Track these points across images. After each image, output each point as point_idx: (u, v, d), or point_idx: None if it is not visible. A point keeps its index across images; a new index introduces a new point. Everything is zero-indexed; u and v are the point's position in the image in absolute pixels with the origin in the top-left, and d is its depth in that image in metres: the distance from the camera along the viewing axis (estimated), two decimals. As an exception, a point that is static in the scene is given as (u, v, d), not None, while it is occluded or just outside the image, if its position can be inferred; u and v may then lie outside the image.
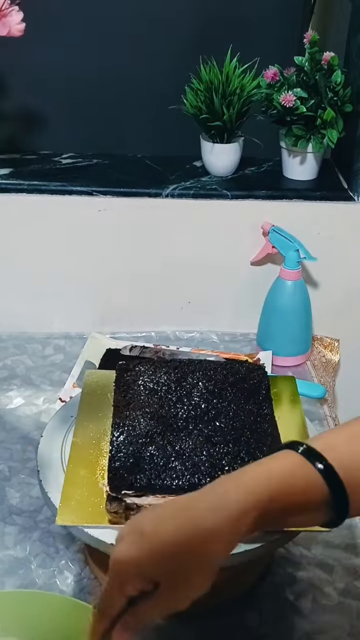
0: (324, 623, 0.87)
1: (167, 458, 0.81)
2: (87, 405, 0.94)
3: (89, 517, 0.79)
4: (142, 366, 0.95)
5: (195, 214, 1.35)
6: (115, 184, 1.35)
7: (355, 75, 1.31)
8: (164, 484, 0.79)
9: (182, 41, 1.39)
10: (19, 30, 1.14)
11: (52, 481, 0.86)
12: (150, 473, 0.80)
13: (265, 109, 1.32)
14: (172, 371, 0.94)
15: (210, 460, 0.81)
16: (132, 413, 0.87)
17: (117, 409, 0.88)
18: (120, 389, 0.92)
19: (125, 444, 0.82)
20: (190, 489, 0.77)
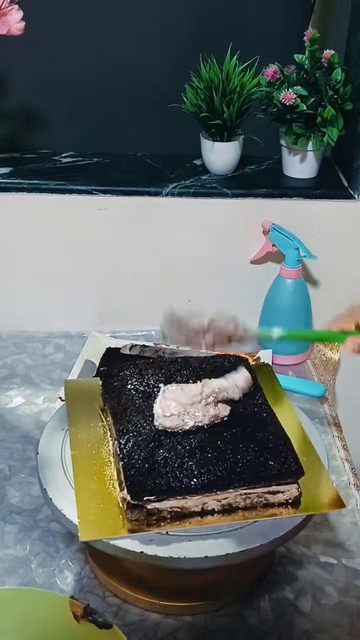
0: (324, 622, 0.88)
1: (180, 458, 0.81)
2: (76, 416, 0.93)
3: (111, 529, 0.78)
4: (127, 370, 0.94)
5: (196, 212, 1.35)
6: (116, 182, 1.35)
7: (356, 73, 1.31)
8: (184, 484, 0.79)
9: (182, 40, 1.38)
10: (19, 29, 1.14)
11: (52, 480, 0.86)
12: (168, 476, 0.79)
13: (265, 107, 1.32)
14: (158, 372, 0.94)
15: (222, 454, 0.81)
16: (132, 418, 0.86)
17: (116, 416, 0.87)
18: (111, 395, 0.91)
19: (135, 450, 0.81)
20: (210, 486, 0.79)
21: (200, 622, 0.87)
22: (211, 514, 0.80)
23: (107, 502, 0.81)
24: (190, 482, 0.79)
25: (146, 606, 0.88)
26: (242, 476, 0.80)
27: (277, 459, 0.82)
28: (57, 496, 0.84)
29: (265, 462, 0.81)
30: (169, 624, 0.87)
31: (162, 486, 0.78)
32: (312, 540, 0.98)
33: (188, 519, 0.79)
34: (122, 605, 0.89)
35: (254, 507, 0.81)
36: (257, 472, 0.80)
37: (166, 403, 0.83)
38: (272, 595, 0.90)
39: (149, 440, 0.83)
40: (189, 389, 0.85)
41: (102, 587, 0.91)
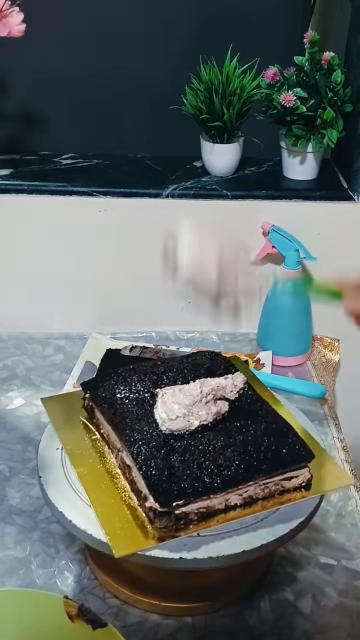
0: (324, 623, 0.88)
1: (197, 459, 0.80)
2: (65, 433, 0.91)
3: (141, 540, 0.77)
4: (110, 380, 0.93)
5: (196, 214, 1.35)
6: (116, 184, 1.35)
7: (355, 75, 1.31)
8: (207, 484, 0.78)
9: (182, 41, 1.39)
10: (20, 31, 1.15)
11: (52, 481, 0.86)
12: (191, 478, 0.78)
13: (265, 109, 1.32)
14: (143, 377, 0.93)
15: (236, 449, 0.82)
16: (134, 427, 0.85)
17: (117, 427, 0.86)
18: (103, 407, 0.89)
19: (149, 458, 0.80)
20: (233, 481, 0.79)
21: (201, 623, 0.87)
22: (234, 508, 0.81)
23: (127, 514, 0.80)
24: (213, 481, 0.79)
25: (146, 607, 0.88)
26: (260, 467, 0.81)
27: (287, 446, 0.83)
28: (57, 497, 0.84)
29: (277, 451, 0.83)
30: (169, 625, 0.87)
31: (187, 489, 0.77)
32: (312, 542, 0.98)
33: (213, 518, 0.79)
34: (122, 607, 0.89)
35: (271, 495, 0.82)
36: (274, 462, 0.82)
37: (169, 407, 0.83)
38: (272, 596, 0.90)
39: (160, 446, 0.82)
40: (188, 390, 0.85)
41: (102, 588, 0.91)
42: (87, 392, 0.93)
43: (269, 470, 0.81)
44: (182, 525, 0.78)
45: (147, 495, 0.78)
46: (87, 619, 0.75)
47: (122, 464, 0.84)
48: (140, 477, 0.80)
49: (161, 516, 0.76)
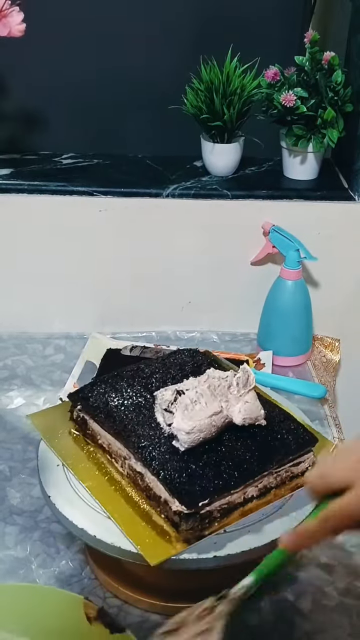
0: (324, 623, 0.88)
1: (213, 457, 0.81)
2: (61, 448, 0.90)
3: (170, 545, 0.77)
4: (98, 388, 0.92)
5: (196, 214, 1.35)
6: (116, 184, 1.35)
7: (356, 75, 1.31)
8: (227, 479, 0.79)
9: (183, 41, 1.39)
10: (20, 30, 1.15)
11: (53, 481, 0.86)
12: (210, 476, 0.79)
13: (265, 109, 1.32)
14: (131, 382, 0.93)
15: (245, 441, 0.83)
16: (139, 432, 0.85)
17: (121, 435, 0.85)
18: (100, 417, 0.88)
19: (164, 462, 0.80)
20: (250, 474, 0.80)
21: (201, 623, 0.87)
22: (250, 500, 0.82)
23: (148, 521, 0.80)
24: (231, 476, 0.80)
25: (147, 607, 0.88)
26: (272, 457, 0.83)
27: (291, 433, 0.86)
28: (57, 497, 0.84)
29: (284, 438, 0.85)
30: (169, 624, 0.87)
31: (208, 488, 0.78)
32: (313, 542, 0.98)
33: (233, 512, 0.80)
34: (123, 607, 0.89)
35: (283, 482, 0.85)
36: (284, 449, 0.84)
37: (188, 424, 0.81)
38: (273, 597, 0.90)
39: (171, 449, 0.82)
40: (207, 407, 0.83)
41: (102, 588, 0.91)
42: (78, 404, 0.91)
43: (281, 458, 0.83)
44: (207, 524, 0.78)
45: (168, 500, 0.78)
46: (106, 622, 0.76)
47: (131, 471, 0.84)
48: (157, 482, 0.79)
49: (187, 518, 0.77)
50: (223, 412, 0.84)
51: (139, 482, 0.83)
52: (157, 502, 0.80)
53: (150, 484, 0.81)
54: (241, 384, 0.86)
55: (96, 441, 0.90)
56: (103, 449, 0.89)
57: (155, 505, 0.80)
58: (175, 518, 0.77)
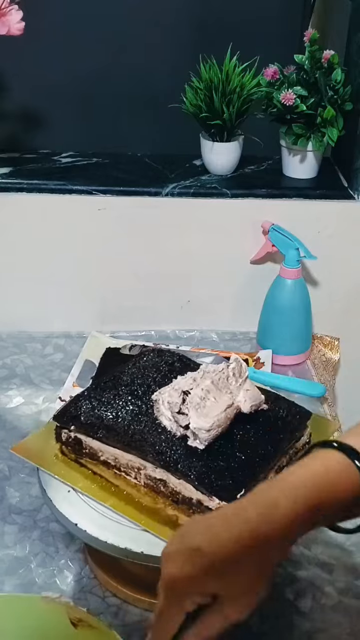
0: (324, 622, 0.88)
1: (230, 449, 0.82)
2: (64, 474, 0.86)
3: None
4: (84, 404, 0.89)
5: (195, 212, 1.35)
6: (115, 182, 1.35)
7: (355, 74, 1.31)
8: (253, 466, 0.81)
9: (182, 40, 1.39)
10: (19, 29, 1.14)
11: (52, 480, 0.86)
12: (236, 467, 0.80)
13: (265, 108, 1.32)
14: (116, 392, 0.91)
15: (253, 429, 0.85)
16: (149, 440, 0.83)
17: (131, 447, 0.83)
18: (100, 433, 0.86)
19: (189, 464, 0.80)
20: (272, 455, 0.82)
21: (200, 623, 0.87)
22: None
23: (177, 526, 0.79)
24: (255, 462, 0.81)
25: (146, 606, 0.88)
26: (283, 436, 0.85)
27: (288, 411, 0.89)
28: (56, 496, 0.84)
29: (284, 417, 0.88)
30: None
31: (239, 478, 0.79)
32: (312, 541, 0.98)
33: None
34: (122, 606, 0.89)
35: (290, 459, 0.87)
36: (289, 427, 0.87)
37: (204, 421, 0.82)
38: (272, 596, 0.90)
39: (189, 449, 0.82)
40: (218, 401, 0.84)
41: (101, 587, 0.91)
42: (70, 425, 0.88)
43: (290, 437, 0.86)
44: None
45: (202, 499, 0.78)
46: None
47: (149, 481, 0.83)
48: (185, 484, 0.79)
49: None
50: (234, 403, 0.85)
51: (161, 489, 0.82)
52: (188, 504, 0.79)
53: (176, 488, 0.80)
54: (237, 374, 0.87)
55: (97, 458, 0.87)
56: (107, 465, 0.86)
57: (187, 507, 0.80)
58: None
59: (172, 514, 0.80)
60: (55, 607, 0.78)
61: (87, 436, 0.87)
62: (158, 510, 0.81)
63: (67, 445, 0.89)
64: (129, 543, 0.78)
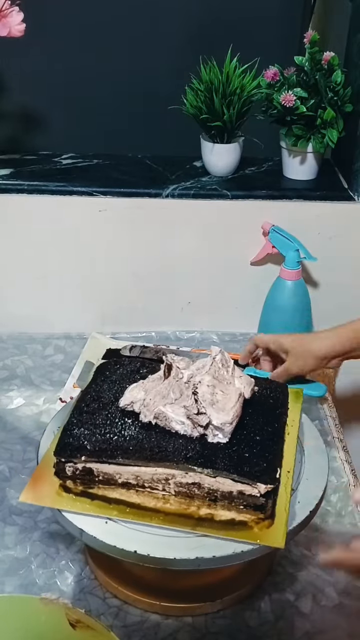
0: (324, 623, 0.88)
1: (245, 435, 0.84)
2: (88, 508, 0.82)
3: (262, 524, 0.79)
4: (81, 432, 0.86)
5: (196, 214, 1.35)
6: (116, 184, 1.35)
7: (355, 75, 1.31)
8: (272, 444, 0.84)
9: (182, 41, 1.39)
10: (19, 30, 1.15)
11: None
12: (259, 450, 0.83)
13: (265, 109, 1.32)
14: (105, 411, 0.89)
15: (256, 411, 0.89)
16: (168, 449, 0.83)
17: (153, 460, 0.81)
18: (117, 454, 0.83)
19: (219, 460, 0.80)
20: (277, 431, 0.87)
21: (201, 623, 0.87)
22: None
23: (224, 521, 0.79)
24: (272, 441, 0.85)
25: (146, 607, 0.88)
26: (280, 411, 0.92)
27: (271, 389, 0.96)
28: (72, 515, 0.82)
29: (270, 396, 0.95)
30: (169, 625, 0.87)
31: (269, 458, 0.82)
32: (312, 542, 0.98)
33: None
34: (123, 606, 0.89)
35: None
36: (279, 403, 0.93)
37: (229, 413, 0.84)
38: (273, 597, 0.91)
39: (209, 445, 0.83)
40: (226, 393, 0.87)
41: (102, 588, 0.91)
42: (81, 456, 0.83)
43: (284, 410, 0.92)
44: (277, 493, 0.81)
45: (244, 490, 0.79)
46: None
47: (181, 488, 0.81)
48: (224, 480, 0.79)
49: (270, 494, 0.79)
50: (242, 393, 0.89)
51: (195, 492, 0.81)
52: (229, 498, 0.80)
53: (212, 486, 0.80)
54: (226, 364, 0.91)
55: (114, 483, 0.83)
56: (128, 485, 0.83)
57: (227, 502, 0.80)
58: (259, 501, 0.79)
59: (206, 513, 0.80)
60: (53, 608, 0.78)
61: (101, 463, 0.83)
62: (190, 514, 0.80)
63: (74, 478, 0.84)
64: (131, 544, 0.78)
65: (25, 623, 0.78)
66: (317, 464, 0.89)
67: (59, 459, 0.84)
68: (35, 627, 0.78)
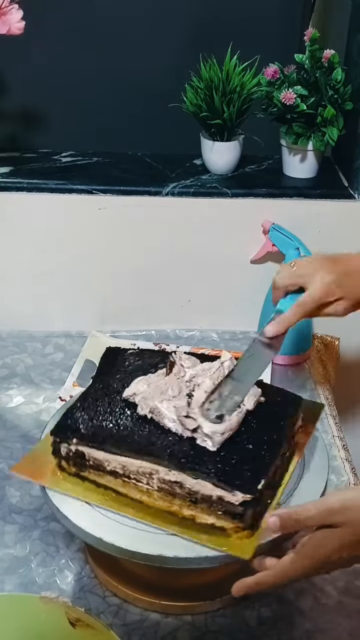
0: (324, 622, 0.88)
1: (239, 442, 0.82)
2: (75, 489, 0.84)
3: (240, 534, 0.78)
4: (80, 416, 0.87)
5: (195, 212, 1.35)
6: (115, 182, 1.35)
7: (356, 73, 1.31)
8: (264, 456, 0.81)
9: (182, 39, 1.38)
10: (19, 28, 1.15)
11: (60, 495, 0.84)
12: (249, 459, 0.80)
13: (265, 107, 1.32)
14: (111, 398, 0.90)
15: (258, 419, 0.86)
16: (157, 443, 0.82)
17: (141, 453, 0.82)
18: (107, 442, 0.83)
19: (204, 463, 0.79)
20: (277, 445, 0.83)
21: (200, 622, 0.87)
22: (277, 470, 0.84)
23: (204, 525, 0.79)
24: (265, 452, 0.81)
25: (146, 606, 0.88)
26: (283, 423, 0.86)
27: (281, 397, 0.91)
28: (56, 496, 0.83)
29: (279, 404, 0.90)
30: (169, 623, 0.87)
31: (257, 469, 0.79)
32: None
33: (271, 487, 0.82)
34: (122, 605, 0.89)
35: (290, 445, 0.88)
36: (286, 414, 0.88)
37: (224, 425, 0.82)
38: (273, 595, 0.90)
39: (199, 448, 0.82)
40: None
41: (102, 586, 0.91)
42: (72, 439, 0.85)
43: (290, 423, 0.87)
44: (262, 505, 0.79)
45: (223, 495, 0.77)
46: None
47: (163, 484, 0.81)
48: (204, 483, 0.78)
49: (250, 505, 0.77)
50: (243, 408, 0.86)
51: (177, 491, 0.81)
52: (208, 502, 0.79)
53: (193, 488, 0.79)
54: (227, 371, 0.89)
55: (102, 469, 0.84)
56: (115, 474, 0.84)
57: (206, 506, 0.79)
58: (238, 509, 0.77)
59: (188, 514, 0.80)
60: (53, 606, 0.78)
61: (91, 448, 0.84)
62: (174, 513, 0.80)
63: (68, 459, 0.86)
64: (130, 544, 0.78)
65: (25, 622, 0.78)
66: (317, 463, 0.89)
67: (54, 438, 0.86)
68: (35, 626, 0.78)
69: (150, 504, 0.81)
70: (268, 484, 0.80)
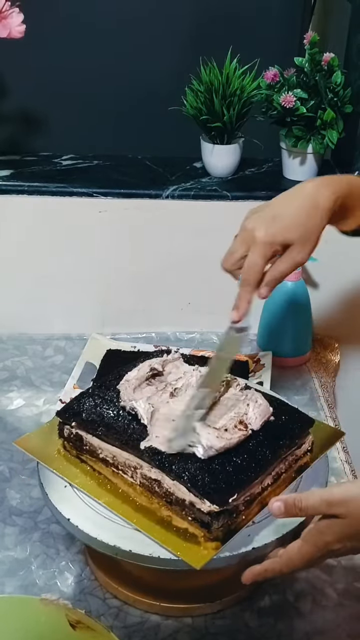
0: (324, 623, 0.88)
1: (227, 453, 0.81)
2: (62, 469, 0.87)
3: (207, 545, 0.77)
4: (87, 401, 0.89)
5: (196, 215, 1.35)
6: (116, 185, 1.36)
7: (355, 76, 1.31)
8: (248, 471, 0.80)
9: (182, 42, 1.39)
10: (20, 31, 1.15)
11: (52, 482, 0.86)
12: (231, 472, 0.79)
13: (265, 110, 1.32)
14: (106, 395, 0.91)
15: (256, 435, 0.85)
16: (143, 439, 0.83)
17: (128, 445, 0.83)
18: (100, 430, 0.86)
19: (184, 466, 0.79)
20: (268, 462, 0.82)
21: (200, 624, 0.87)
22: (266, 489, 0.83)
23: (170, 527, 0.79)
24: (251, 467, 0.80)
25: (146, 608, 0.88)
26: (282, 443, 0.85)
27: (290, 417, 0.89)
28: (57, 498, 0.84)
29: (286, 423, 0.87)
30: (169, 625, 0.87)
31: (233, 483, 0.78)
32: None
33: (254, 502, 0.81)
34: (123, 607, 0.89)
35: (290, 466, 0.87)
36: (290, 434, 0.86)
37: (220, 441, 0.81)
38: (272, 597, 0.91)
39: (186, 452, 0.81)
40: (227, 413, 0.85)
41: (102, 588, 0.91)
42: (72, 421, 0.88)
43: (289, 443, 0.85)
44: (235, 519, 0.78)
45: (194, 502, 0.77)
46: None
47: (144, 480, 0.82)
48: (179, 486, 0.78)
49: (218, 516, 0.76)
50: (248, 430, 0.84)
51: (155, 489, 0.81)
52: (181, 505, 0.79)
53: (170, 489, 0.80)
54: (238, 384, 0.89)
55: (96, 456, 0.87)
56: (106, 462, 0.86)
57: (179, 509, 0.79)
58: (206, 518, 0.76)
59: (166, 514, 0.80)
60: (53, 609, 0.78)
61: (87, 433, 0.88)
62: (153, 510, 0.81)
63: (69, 441, 0.90)
64: (118, 541, 0.78)
65: (25, 624, 0.78)
66: (316, 465, 0.89)
67: (58, 419, 0.90)
68: (35, 628, 0.78)
69: (134, 498, 0.83)
70: (250, 501, 0.80)
